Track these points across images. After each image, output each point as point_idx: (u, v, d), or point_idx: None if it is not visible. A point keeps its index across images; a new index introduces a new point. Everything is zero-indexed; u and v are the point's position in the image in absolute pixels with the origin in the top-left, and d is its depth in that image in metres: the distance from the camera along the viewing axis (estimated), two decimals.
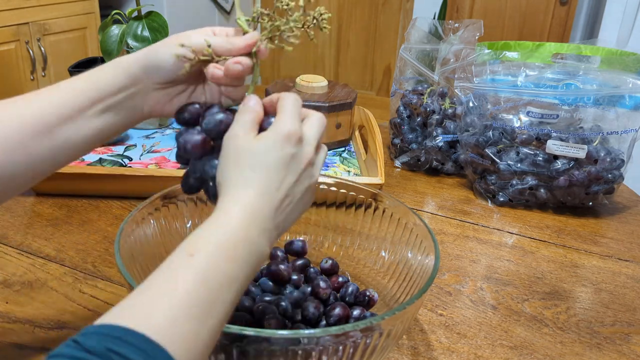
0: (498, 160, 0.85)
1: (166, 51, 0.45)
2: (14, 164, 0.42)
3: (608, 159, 0.81)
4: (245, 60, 0.44)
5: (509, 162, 0.85)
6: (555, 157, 0.84)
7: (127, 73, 0.45)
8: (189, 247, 0.36)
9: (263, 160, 0.40)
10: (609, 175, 0.82)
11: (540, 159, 0.84)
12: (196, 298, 0.33)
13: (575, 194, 0.85)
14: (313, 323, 0.52)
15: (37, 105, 0.43)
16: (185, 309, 0.32)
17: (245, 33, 0.46)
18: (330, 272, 0.60)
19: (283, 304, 0.51)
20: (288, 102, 0.43)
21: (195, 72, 0.47)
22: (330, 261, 0.60)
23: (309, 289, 0.56)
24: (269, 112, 0.44)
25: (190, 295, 0.33)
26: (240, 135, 0.41)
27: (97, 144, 0.47)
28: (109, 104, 0.45)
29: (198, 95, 0.49)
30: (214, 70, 0.45)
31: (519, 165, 0.85)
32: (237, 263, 0.36)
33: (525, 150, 0.85)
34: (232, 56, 0.45)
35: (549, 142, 0.83)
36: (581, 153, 0.82)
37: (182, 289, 0.33)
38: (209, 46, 0.44)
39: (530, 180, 0.85)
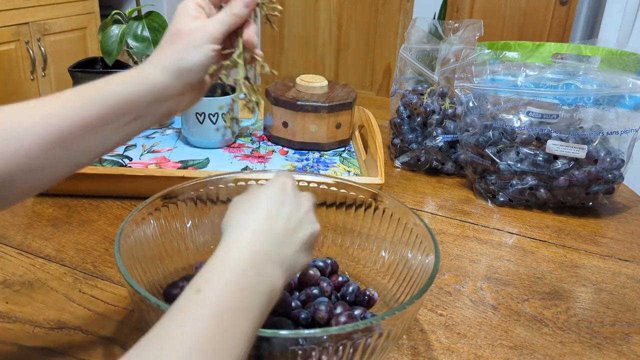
0: (498, 160, 0.85)
1: (200, 54, 0.45)
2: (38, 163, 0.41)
3: (608, 159, 0.81)
4: (253, 30, 0.48)
5: (509, 162, 0.85)
6: (555, 157, 0.84)
7: (155, 86, 0.45)
8: (195, 284, 0.35)
9: (261, 198, 0.42)
10: (609, 175, 0.82)
11: (540, 159, 0.84)
12: (208, 335, 0.32)
13: (575, 194, 0.85)
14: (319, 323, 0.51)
15: (62, 112, 0.42)
16: (197, 348, 0.31)
17: None
18: (330, 272, 0.60)
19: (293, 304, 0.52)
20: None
21: None
22: (329, 261, 0.60)
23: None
24: None
25: (201, 331, 0.32)
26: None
27: (104, 154, 0.46)
28: (141, 113, 0.45)
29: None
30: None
31: (519, 165, 0.85)
32: (250, 293, 0.36)
33: (525, 150, 0.85)
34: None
35: (549, 142, 0.83)
36: (581, 153, 0.82)
37: (191, 326, 0.32)
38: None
39: (530, 180, 0.85)
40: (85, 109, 0.42)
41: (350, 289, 0.56)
